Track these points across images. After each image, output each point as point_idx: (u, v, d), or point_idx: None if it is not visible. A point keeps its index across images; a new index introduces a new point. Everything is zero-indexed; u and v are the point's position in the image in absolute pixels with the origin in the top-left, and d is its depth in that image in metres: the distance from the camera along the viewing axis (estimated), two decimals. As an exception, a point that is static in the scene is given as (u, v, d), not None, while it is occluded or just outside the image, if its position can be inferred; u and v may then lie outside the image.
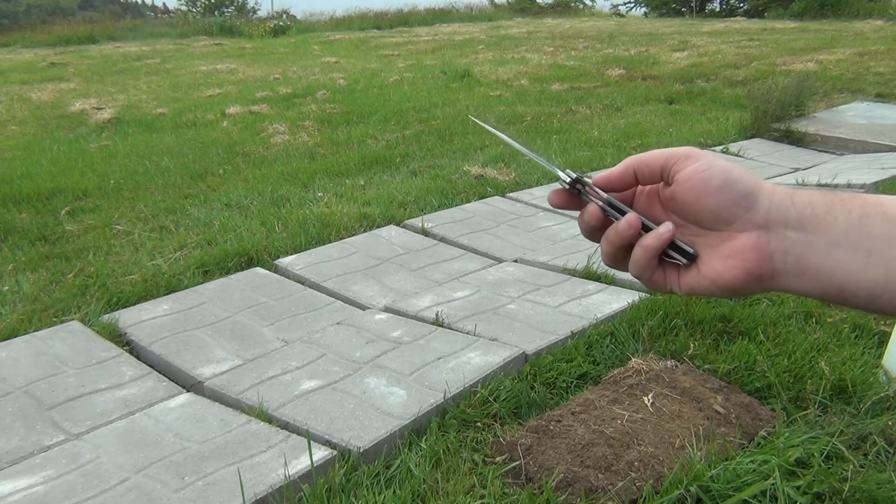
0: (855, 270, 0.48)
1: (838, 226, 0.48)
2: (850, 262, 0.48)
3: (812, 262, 0.49)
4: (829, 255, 0.48)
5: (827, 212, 0.48)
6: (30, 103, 7.38)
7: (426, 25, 16.09)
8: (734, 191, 0.50)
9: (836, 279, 0.48)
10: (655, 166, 0.54)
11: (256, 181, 4.36)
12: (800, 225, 0.49)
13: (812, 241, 0.49)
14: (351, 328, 2.47)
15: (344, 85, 7.95)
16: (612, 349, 2.29)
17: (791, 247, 0.49)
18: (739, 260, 0.51)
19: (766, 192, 0.50)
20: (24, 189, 4.13)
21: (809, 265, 0.49)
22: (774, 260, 0.50)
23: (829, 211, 0.48)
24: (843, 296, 0.49)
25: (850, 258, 0.48)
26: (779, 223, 0.49)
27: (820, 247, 0.48)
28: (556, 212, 3.78)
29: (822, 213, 0.49)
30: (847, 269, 0.48)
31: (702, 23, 14.65)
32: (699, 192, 0.51)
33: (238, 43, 13.09)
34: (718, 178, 0.51)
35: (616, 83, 7.88)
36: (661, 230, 0.53)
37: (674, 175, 0.53)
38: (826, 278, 0.49)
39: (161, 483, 1.69)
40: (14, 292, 2.80)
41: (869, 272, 0.47)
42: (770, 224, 0.50)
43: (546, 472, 1.69)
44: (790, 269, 0.50)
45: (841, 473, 1.66)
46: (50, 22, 17.84)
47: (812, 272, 0.49)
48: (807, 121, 5.91)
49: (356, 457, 1.77)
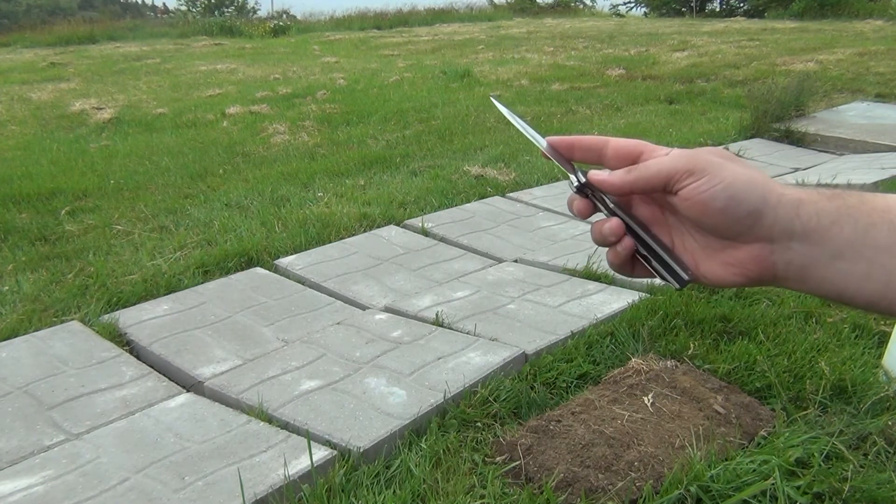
0: (855, 281, 0.48)
1: (843, 237, 0.47)
2: (852, 272, 0.48)
3: (814, 271, 0.49)
4: (831, 265, 0.48)
5: (833, 223, 0.48)
6: (30, 103, 7.38)
7: (426, 25, 16.09)
8: (737, 212, 0.49)
9: (836, 287, 0.49)
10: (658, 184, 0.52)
11: (256, 181, 4.36)
12: (804, 237, 0.48)
13: (815, 253, 0.48)
14: (351, 328, 2.47)
15: (344, 85, 7.96)
16: (612, 349, 2.28)
17: (794, 258, 0.49)
18: (741, 269, 0.51)
19: (770, 205, 0.49)
20: (24, 189, 4.13)
21: (811, 274, 0.49)
22: (777, 269, 0.50)
23: (836, 222, 0.48)
24: (842, 299, 0.50)
25: (851, 269, 0.48)
26: (783, 236, 0.49)
27: (823, 258, 0.48)
28: (556, 212, 3.78)
29: (828, 224, 0.48)
30: (848, 279, 0.48)
31: (702, 23, 14.64)
32: (701, 211, 0.50)
33: (238, 43, 13.09)
34: (721, 201, 0.49)
35: (616, 83, 7.87)
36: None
37: (676, 191, 0.51)
38: (827, 285, 0.49)
39: (161, 483, 1.69)
40: (14, 292, 2.80)
41: (869, 283, 0.47)
42: (774, 237, 0.49)
43: (546, 472, 1.69)
44: (792, 276, 0.50)
45: (841, 473, 1.66)
46: (50, 22, 17.84)
47: (813, 280, 0.49)
48: (807, 121, 5.91)
49: (356, 457, 1.77)
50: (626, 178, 0.53)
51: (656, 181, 0.52)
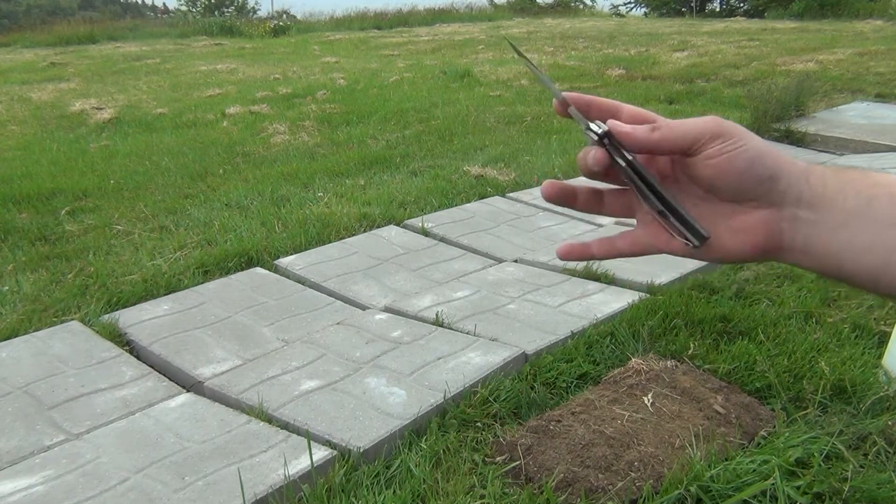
0: (857, 252, 0.48)
1: (847, 207, 0.48)
2: (854, 243, 0.48)
3: (817, 241, 0.50)
4: (834, 235, 0.49)
5: (838, 192, 0.49)
6: (30, 103, 7.38)
7: (426, 25, 16.09)
8: (758, 174, 0.49)
9: (838, 259, 0.49)
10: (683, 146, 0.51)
11: (256, 181, 4.36)
12: (811, 204, 0.49)
13: (820, 221, 0.49)
14: (351, 328, 2.47)
15: (344, 85, 7.95)
16: (612, 349, 2.28)
17: (801, 226, 0.50)
18: (749, 235, 0.51)
19: (785, 171, 0.50)
20: (24, 189, 4.13)
21: (815, 244, 0.50)
22: (783, 238, 0.51)
23: (840, 191, 0.49)
24: (841, 274, 0.50)
25: (853, 240, 0.48)
26: (792, 202, 0.50)
27: (827, 227, 0.49)
28: (556, 212, 3.78)
29: (833, 193, 0.49)
30: (849, 250, 0.49)
31: (702, 23, 14.65)
32: (722, 171, 0.50)
33: (238, 43, 13.09)
34: (743, 161, 0.49)
35: (616, 83, 7.88)
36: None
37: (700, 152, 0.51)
38: (829, 258, 0.50)
39: (161, 483, 1.69)
40: (14, 292, 2.80)
41: (870, 255, 0.48)
42: (784, 203, 0.50)
43: (546, 472, 1.69)
44: (797, 246, 0.51)
45: (841, 473, 1.66)
46: (50, 22, 17.83)
47: (817, 251, 0.50)
48: (807, 121, 5.91)
49: (356, 457, 1.77)
50: (652, 135, 0.52)
51: (683, 142, 0.51)
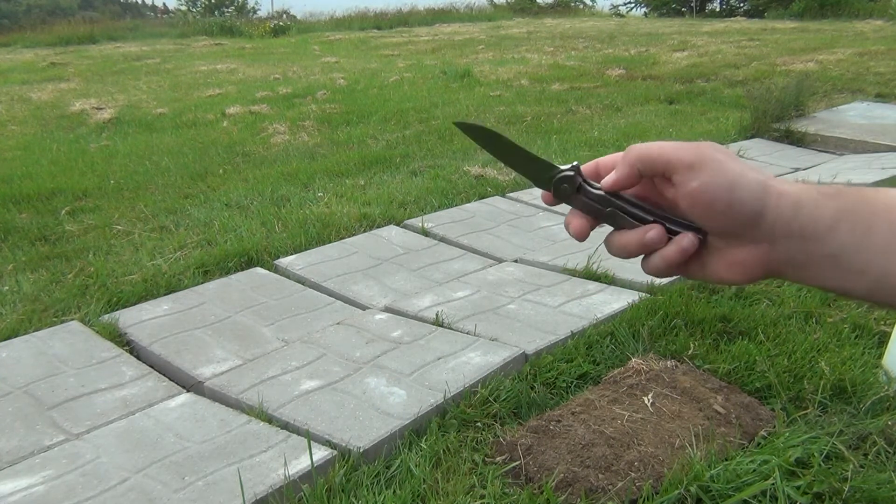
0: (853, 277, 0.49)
1: (840, 240, 0.49)
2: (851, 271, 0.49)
3: (810, 268, 0.51)
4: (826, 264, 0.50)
5: (830, 228, 0.49)
6: (30, 103, 7.38)
7: (426, 25, 16.08)
8: (739, 214, 0.50)
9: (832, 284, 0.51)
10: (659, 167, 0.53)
11: (256, 181, 4.36)
12: (803, 237, 0.50)
13: (812, 251, 0.50)
14: (351, 328, 2.47)
15: (344, 85, 7.95)
16: (612, 349, 2.28)
17: (794, 255, 0.51)
18: (746, 268, 0.53)
19: (771, 206, 0.50)
20: (24, 189, 4.13)
21: (808, 272, 0.51)
22: (779, 266, 0.52)
23: (833, 227, 0.49)
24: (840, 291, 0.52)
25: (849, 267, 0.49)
26: (782, 236, 0.50)
27: (819, 256, 0.50)
28: (557, 212, 3.77)
29: (827, 226, 0.49)
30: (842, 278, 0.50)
31: (702, 23, 14.64)
32: (702, 211, 0.51)
33: (238, 43, 13.08)
34: (722, 203, 0.50)
35: (616, 83, 7.87)
36: (685, 244, 0.53)
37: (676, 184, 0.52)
38: (823, 281, 0.51)
39: (161, 483, 1.69)
40: (14, 292, 2.80)
41: (862, 281, 0.49)
42: (775, 238, 0.50)
43: (546, 472, 1.69)
44: (790, 273, 0.52)
45: (841, 473, 1.66)
46: (50, 22, 17.83)
47: (810, 276, 0.51)
48: (807, 121, 5.91)
49: (356, 457, 1.77)
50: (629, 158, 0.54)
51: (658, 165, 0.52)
